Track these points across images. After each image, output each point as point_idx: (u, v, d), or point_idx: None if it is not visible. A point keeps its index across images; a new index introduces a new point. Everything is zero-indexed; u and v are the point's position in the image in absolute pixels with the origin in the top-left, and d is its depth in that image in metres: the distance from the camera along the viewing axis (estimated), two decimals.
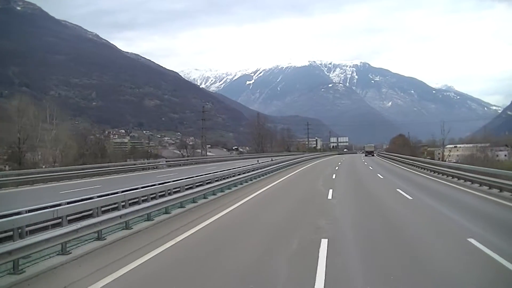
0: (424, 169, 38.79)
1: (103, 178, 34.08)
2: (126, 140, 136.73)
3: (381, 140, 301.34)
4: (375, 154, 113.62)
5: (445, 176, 30.38)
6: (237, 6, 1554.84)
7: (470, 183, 24.68)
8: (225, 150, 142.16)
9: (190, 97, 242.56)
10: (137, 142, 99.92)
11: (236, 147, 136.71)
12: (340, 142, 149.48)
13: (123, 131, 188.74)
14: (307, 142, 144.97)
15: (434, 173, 34.27)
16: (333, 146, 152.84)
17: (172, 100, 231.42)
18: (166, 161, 55.55)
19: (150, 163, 54.04)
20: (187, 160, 63.23)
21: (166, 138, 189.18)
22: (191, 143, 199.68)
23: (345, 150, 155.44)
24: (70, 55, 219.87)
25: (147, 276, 8.14)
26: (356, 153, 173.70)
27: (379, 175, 35.92)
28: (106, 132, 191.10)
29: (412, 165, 45.94)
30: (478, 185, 23.31)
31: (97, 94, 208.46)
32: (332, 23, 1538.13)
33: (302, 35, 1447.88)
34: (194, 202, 17.32)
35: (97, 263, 8.90)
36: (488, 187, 21.88)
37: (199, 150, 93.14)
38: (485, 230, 12.08)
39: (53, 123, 52.91)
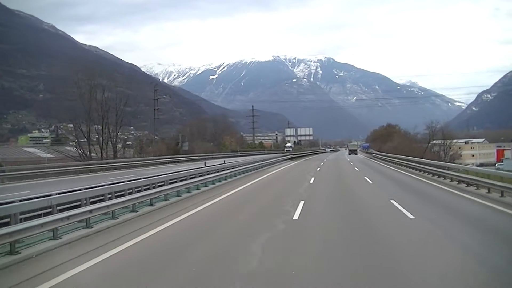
0: None
1: None
2: (46, 134, 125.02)
3: (346, 134, 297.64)
4: (358, 153, 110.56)
5: None
6: (200, 0, 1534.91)
7: None
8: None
9: (146, 89, 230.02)
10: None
11: None
12: (302, 135, 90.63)
13: (71, 125, 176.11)
14: (252, 137, 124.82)
15: None
16: (295, 142, 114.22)
17: (126, 92, 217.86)
18: None
19: None
20: None
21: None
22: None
23: (288, 145, 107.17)
24: (18, 44, 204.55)
25: None
26: (324, 151, 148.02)
27: None
28: (53, 126, 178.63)
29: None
30: None
31: (45, 86, 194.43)
32: (296, 17, 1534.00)
33: (267, 29, 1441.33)
34: None
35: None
36: None
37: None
38: None
39: None
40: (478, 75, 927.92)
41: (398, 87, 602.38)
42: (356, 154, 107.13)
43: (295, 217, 14.00)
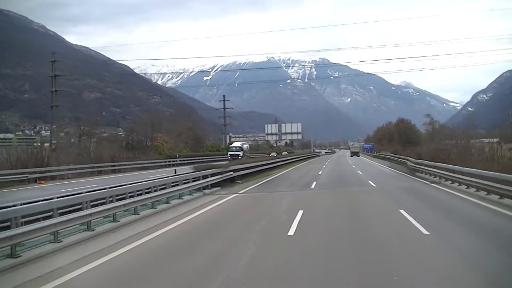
0: None
1: None
2: (11, 136, 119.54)
3: (341, 135, 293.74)
4: (360, 155, 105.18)
5: None
6: (193, 1, 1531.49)
7: None
8: None
9: (136, 90, 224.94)
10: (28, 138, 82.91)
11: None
12: (287, 133, 63.01)
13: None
14: (224, 137, 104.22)
15: None
16: (286, 143, 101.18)
17: (115, 93, 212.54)
18: None
19: None
20: None
21: (105, 135, 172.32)
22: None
23: (235, 146, 76.03)
24: (4, 43, 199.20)
25: None
26: (318, 154, 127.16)
27: None
28: (37, 127, 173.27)
29: None
30: None
31: (30, 85, 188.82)
32: (291, 18, 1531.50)
33: (261, 30, 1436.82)
34: None
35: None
36: None
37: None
38: None
39: None
40: (473, 76, 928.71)
41: (393, 88, 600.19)
42: (358, 156, 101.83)
43: None
